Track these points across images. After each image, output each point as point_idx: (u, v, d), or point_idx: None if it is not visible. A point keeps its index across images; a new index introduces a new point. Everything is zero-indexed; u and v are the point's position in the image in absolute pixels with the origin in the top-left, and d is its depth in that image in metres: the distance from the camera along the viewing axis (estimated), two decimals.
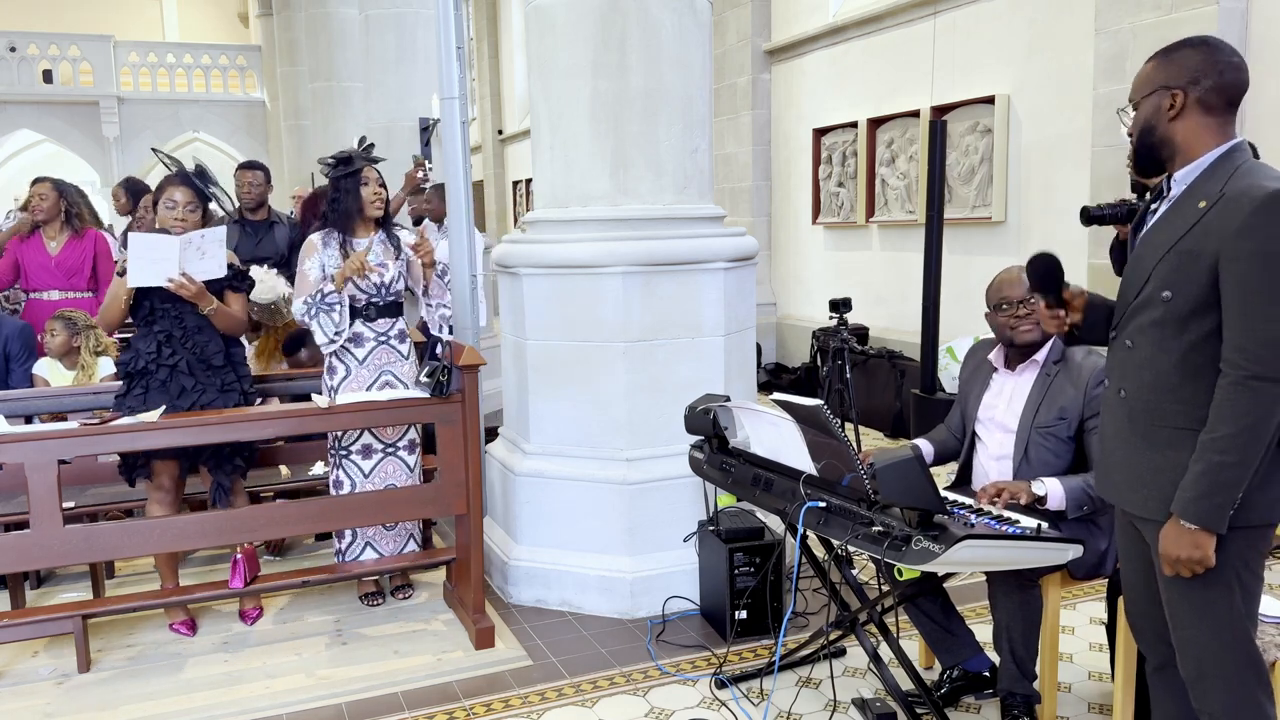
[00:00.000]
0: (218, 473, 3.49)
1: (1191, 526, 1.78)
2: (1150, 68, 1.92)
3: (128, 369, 3.36)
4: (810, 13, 8.06)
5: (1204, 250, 1.78)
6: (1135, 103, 1.95)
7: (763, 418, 2.72)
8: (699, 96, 3.70)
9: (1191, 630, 1.88)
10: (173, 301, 3.34)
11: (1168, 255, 1.84)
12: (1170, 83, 1.87)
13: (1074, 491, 2.48)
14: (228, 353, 3.47)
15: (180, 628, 3.51)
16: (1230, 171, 1.81)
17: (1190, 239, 1.81)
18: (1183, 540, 1.80)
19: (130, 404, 3.31)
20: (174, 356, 3.35)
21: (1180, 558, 1.80)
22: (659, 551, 3.59)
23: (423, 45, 7.00)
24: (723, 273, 3.65)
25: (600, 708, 2.94)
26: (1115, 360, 2.00)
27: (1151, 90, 1.90)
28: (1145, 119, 1.91)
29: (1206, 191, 1.82)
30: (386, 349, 3.65)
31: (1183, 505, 1.79)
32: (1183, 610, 1.89)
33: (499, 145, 16.75)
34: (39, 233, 4.95)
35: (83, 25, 17.68)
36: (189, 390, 3.35)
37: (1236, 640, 1.86)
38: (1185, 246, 1.81)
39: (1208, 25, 4.66)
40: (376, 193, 3.60)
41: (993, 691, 2.80)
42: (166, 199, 3.37)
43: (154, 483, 3.44)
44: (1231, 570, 1.84)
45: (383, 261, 3.61)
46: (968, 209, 6.44)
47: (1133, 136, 1.95)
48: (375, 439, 3.66)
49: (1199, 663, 1.89)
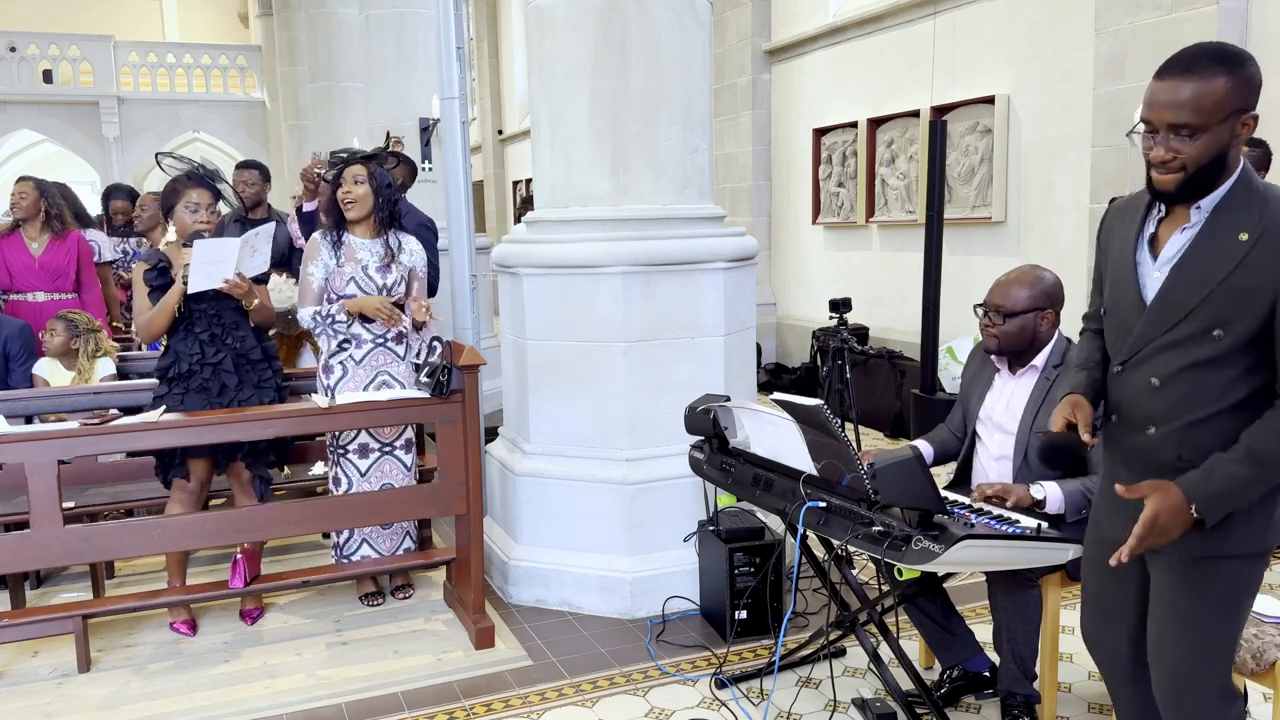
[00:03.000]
0: (256, 466, 3.53)
1: (1194, 514, 1.73)
2: (1224, 88, 1.66)
3: (169, 374, 3.38)
4: (810, 13, 8.06)
5: (1261, 287, 1.68)
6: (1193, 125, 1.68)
7: (763, 418, 2.72)
8: (699, 96, 3.70)
9: (1176, 651, 1.86)
10: (209, 301, 3.36)
11: (1215, 293, 1.71)
12: (1244, 105, 1.68)
13: (1073, 495, 2.48)
14: (262, 347, 3.52)
15: (181, 627, 3.51)
16: (1257, 197, 1.71)
17: (1242, 275, 1.69)
18: (1177, 520, 1.73)
19: (168, 404, 3.33)
20: (218, 355, 3.38)
21: (1162, 529, 1.73)
22: (659, 551, 3.59)
23: (423, 45, 7.00)
24: (723, 273, 3.65)
25: (600, 708, 2.94)
26: (1130, 395, 1.89)
27: (1226, 115, 1.67)
28: (1219, 148, 1.69)
29: (1242, 222, 1.70)
30: (384, 351, 3.64)
31: (1202, 495, 1.72)
32: (1172, 630, 1.86)
33: (499, 145, 16.76)
34: (19, 233, 4.88)
35: (83, 25, 17.69)
36: (230, 388, 3.38)
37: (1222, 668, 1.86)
38: (1237, 284, 1.70)
39: (1208, 25, 4.66)
40: (347, 192, 3.53)
41: (993, 691, 2.80)
42: (187, 202, 3.37)
43: (182, 482, 3.45)
44: (1240, 593, 1.83)
45: (383, 265, 3.59)
46: (968, 209, 6.44)
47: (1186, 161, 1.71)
48: (372, 438, 3.66)
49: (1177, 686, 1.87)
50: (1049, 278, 2.68)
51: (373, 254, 3.58)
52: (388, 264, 3.59)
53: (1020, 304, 2.62)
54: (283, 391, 3.58)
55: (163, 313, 3.34)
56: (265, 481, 3.58)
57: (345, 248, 3.57)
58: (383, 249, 3.60)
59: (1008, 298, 2.63)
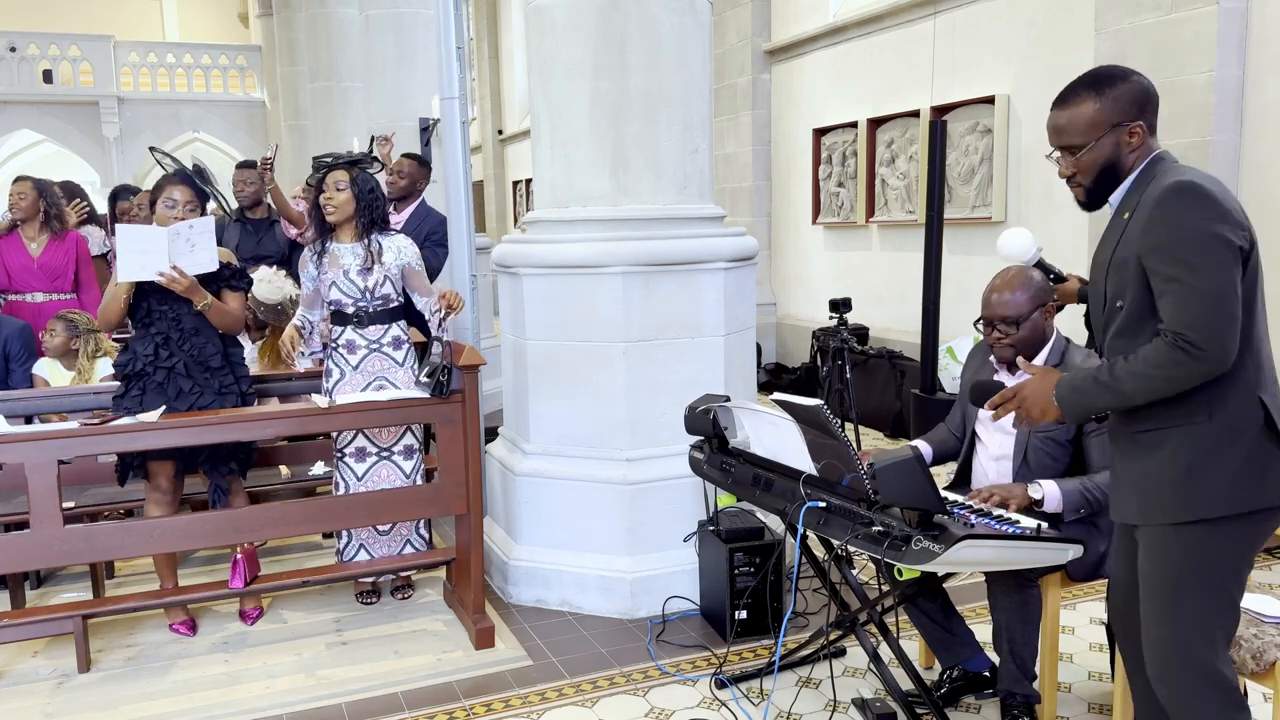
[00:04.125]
0: (214, 474, 3.49)
1: (1053, 399, 1.95)
2: (1092, 109, 1.91)
3: (125, 371, 3.36)
4: (810, 13, 8.06)
5: (1130, 255, 1.87)
6: (1079, 144, 1.93)
7: (763, 418, 2.72)
8: (699, 96, 3.70)
9: (1155, 628, 1.92)
10: (170, 303, 3.33)
11: (1110, 268, 1.94)
12: (1124, 119, 1.90)
13: (1071, 495, 2.48)
14: (225, 354, 3.46)
15: (180, 628, 3.51)
16: (1148, 181, 1.90)
17: (1121, 248, 1.91)
18: (1040, 398, 1.97)
19: (127, 405, 3.31)
20: (171, 359, 3.34)
21: (1022, 399, 2.01)
22: (659, 551, 3.59)
23: (423, 45, 7.00)
24: (723, 273, 3.65)
25: (600, 708, 2.94)
26: None
27: (1104, 131, 1.90)
28: (1106, 158, 1.92)
29: (1130, 203, 1.92)
30: (379, 356, 3.63)
31: (1063, 383, 1.95)
32: (1150, 605, 1.93)
33: (499, 145, 16.76)
34: (17, 233, 4.87)
35: (83, 25, 17.69)
36: (186, 393, 3.34)
37: (1195, 644, 1.88)
38: (1119, 256, 1.91)
39: (1208, 25, 4.66)
40: (327, 198, 3.53)
41: (993, 691, 2.80)
42: (165, 198, 3.37)
43: (150, 484, 3.43)
44: (1222, 567, 1.86)
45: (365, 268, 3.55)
46: (968, 209, 6.44)
47: (1081, 177, 1.96)
48: (370, 442, 3.66)
49: (1158, 662, 1.93)
50: (1036, 274, 2.70)
51: (355, 257, 3.57)
52: (369, 267, 3.56)
53: (1024, 307, 2.62)
54: (249, 398, 3.53)
55: (113, 300, 3.33)
56: (223, 491, 3.51)
57: (329, 256, 3.59)
58: (363, 252, 3.57)
59: (1011, 306, 2.63)
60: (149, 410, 3.21)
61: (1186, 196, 1.79)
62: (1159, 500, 1.88)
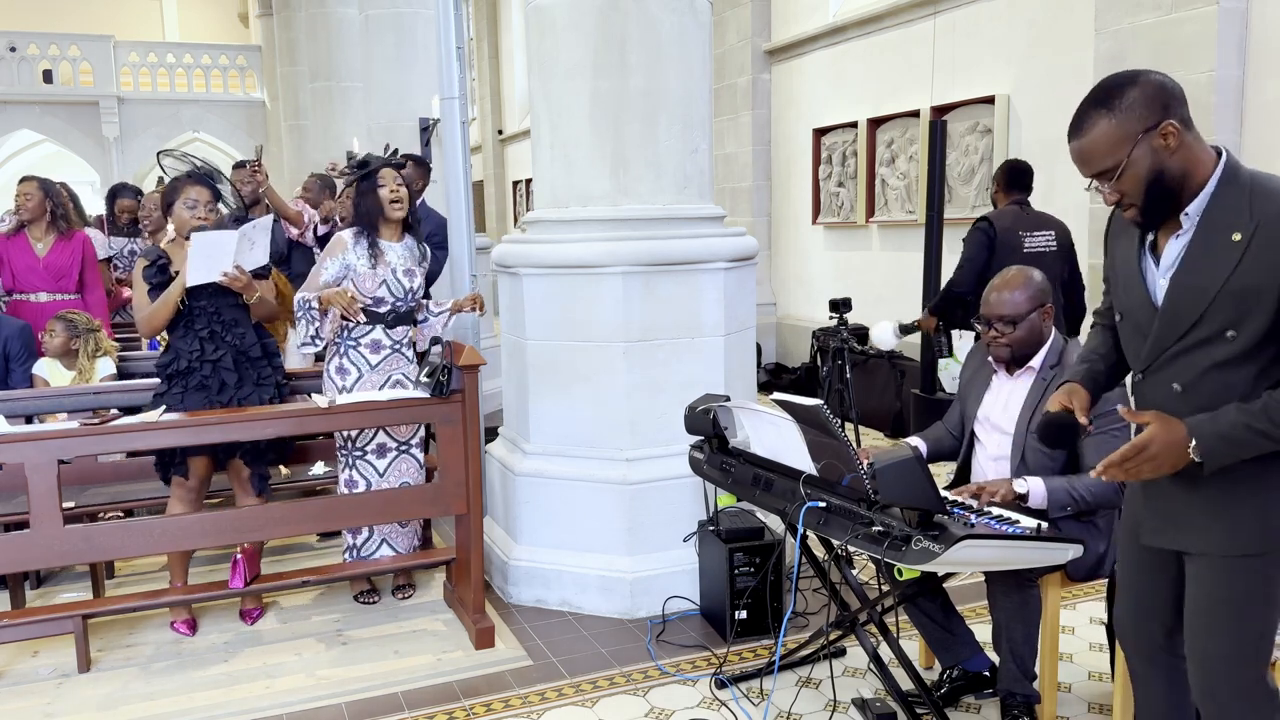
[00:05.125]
0: (256, 464, 3.53)
1: (1194, 456, 1.73)
2: (1109, 127, 1.74)
3: (169, 370, 3.38)
4: (810, 13, 8.06)
5: (1264, 284, 1.68)
6: (1109, 169, 1.76)
7: (763, 418, 2.72)
8: (699, 96, 3.70)
9: (1213, 647, 1.87)
10: (209, 298, 3.37)
11: (1219, 298, 1.72)
12: (1148, 123, 1.73)
13: (1057, 493, 2.48)
14: (262, 344, 3.51)
15: (181, 627, 3.51)
16: (1245, 193, 1.72)
17: (1241, 276, 1.70)
18: (1171, 453, 1.74)
19: (168, 402, 3.34)
20: (218, 352, 3.38)
21: (1151, 456, 1.74)
22: (659, 551, 3.59)
23: (423, 45, 7.00)
24: (723, 273, 3.65)
25: (600, 708, 2.94)
26: (1154, 402, 1.87)
27: (1132, 144, 1.73)
28: (1149, 170, 1.74)
29: (1233, 222, 1.71)
30: (398, 356, 3.67)
31: (1204, 435, 1.72)
32: (1208, 626, 1.86)
33: (499, 145, 16.75)
34: (25, 233, 4.87)
35: (83, 25, 17.69)
36: (230, 385, 3.38)
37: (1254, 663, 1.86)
38: (1238, 284, 1.70)
39: (1208, 25, 4.66)
40: (394, 192, 3.56)
41: (993, 691, 2.80)
42: (186, 199, 3.39)
43: (185, 479, 3.45)
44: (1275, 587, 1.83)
45: (410, 269, 3.63)
46: (968, 209, 6.44)
47: (1130, 198, 1.78)
48: (390, 437, 3.68)
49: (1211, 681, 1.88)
50: (1036, 275, 2.70)
51: (401, 257, 3.60)
52: (412, 268, 3.62)
53: (1023, 307, 2.62)
54: (283, 389, 3.58)
55: (165, 306, 3.34)
56: (264, 479, 3.57)
57: (379, 251, 3.57)
58: (411, 252, 3.64)
59: (1009, 305, 2.63)
60: (190, 408, 3.27)
61: None
62: (1232, 531, 1.79)
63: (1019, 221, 4.58)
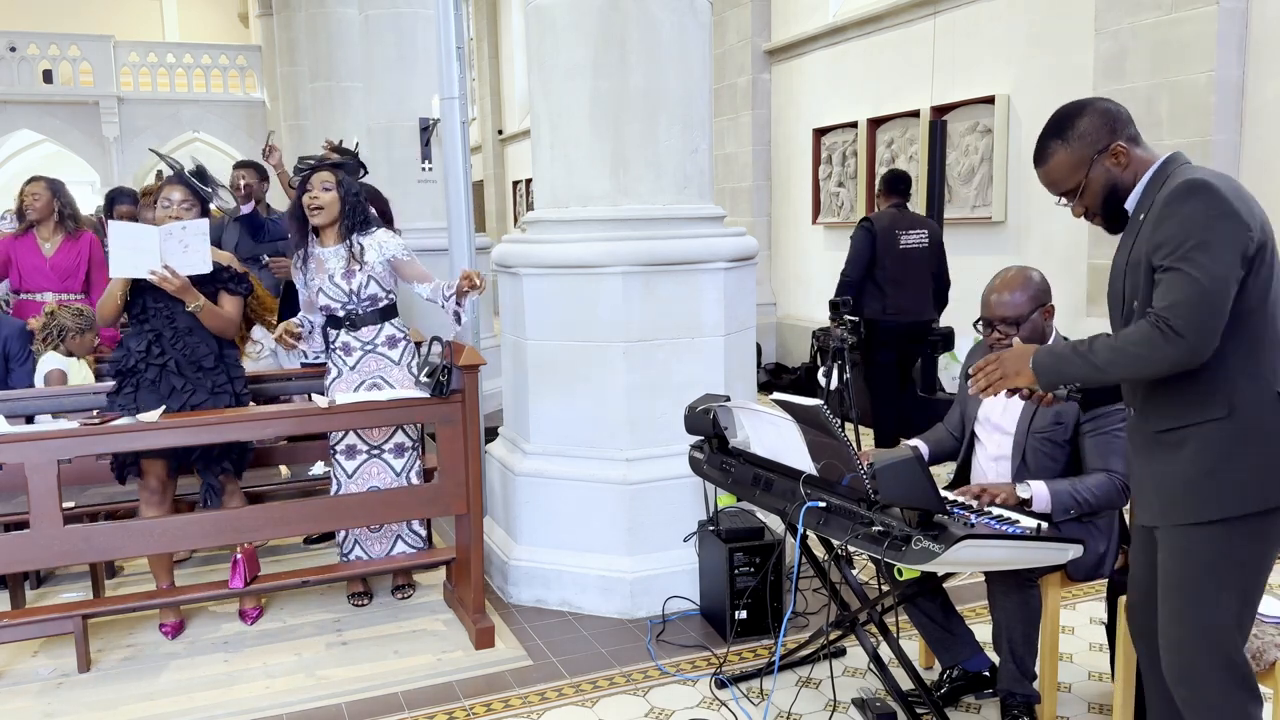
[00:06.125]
0: (206, 474, 3.48)
1: (1028, 363, 1.97)
2: (1065, 155, 1.97)
3: (118, 367, 3.37)
4: (810, 13, 8.07)
5: (1142, 255, 1.88)
6: (1072, 189, 2.00)
7: (763, 418, 2.72)
8: (699, 96, 3.70)
9: (1175, 628, 1.92)
10: (165, 301, 3.33)
11: (1128, 270, 1.95)
12: (1099, 147, 1.94)
13: (1060, 496, 2.47)
14: (220, 354, 3.45)
15: (165, 629, 3.50)
16: (1164, 180, 1.91)
17: (1135, 249, 1.92)
18: (1017, 360, 2.00)
19: (121, 402, 3.32)
20: (163, 356, 3.34)
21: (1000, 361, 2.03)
22: (659, 551, 3.59)
23: (423, 45, 6.99)
24: (723, 273, 3.65)
25: (600, 708, 2.94)
26: (1126, 387, 2.06)
27: (1087, 167, 1.96)
28: (1104, 187, 1.97)
29: (1144, 204, 1.94)
30: (375, 356, 3.61)
31: (1041, 351, 1.97)
32: (1169, 605, 1.92)
33: (499, 145, 16.76)
34: (33, 233, 4.87)
35: (83, 25, 17.69)
36: (178, 390, 3.34)
37: (1217, 643, 1.88)
38: (1134, 257, 1.92)
39: (1208, 25, 4.66)
40: (313, 198, 3.49)
41: (993, 691, 2.80)
42: (163, 198, 3.39)
43: (142, 482, 3.43)
44: (1242, 567, 1.86)
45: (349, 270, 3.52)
46: (968, 209, 6.44)
47: (1093, 210, 2.01)
48: (360, 439, 3.65)
49: (1179, 662, 1.92)
50: (1036, 274, 2.69)
51: (338, 260, 3.54)
52: (351, 270, 3.53)
53: (1024, 307, 2.62)
54: (243, 399, 3.51)
55: (108, 298, 3.35)
56: (215, 491, 3.50)
57: (314, 260, 3.57)
58: (345, 254, 3.54)
59: (1010, 306, 2.62)
60: (144, 408, 3.21)
61: (1197, 193, 1.80)
62: (1180, 500, 1.88)
63: (896, 221, 5.18)
